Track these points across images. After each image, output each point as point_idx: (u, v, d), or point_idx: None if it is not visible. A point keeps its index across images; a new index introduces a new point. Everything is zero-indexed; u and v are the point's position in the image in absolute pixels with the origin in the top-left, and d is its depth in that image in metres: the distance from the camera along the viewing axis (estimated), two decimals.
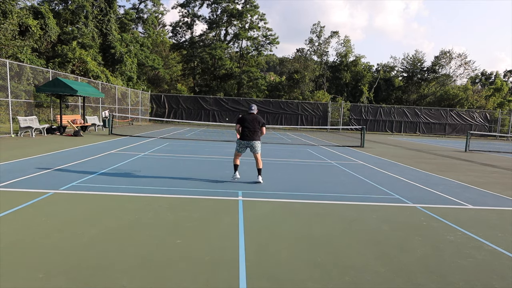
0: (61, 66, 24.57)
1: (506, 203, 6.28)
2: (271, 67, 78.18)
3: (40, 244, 3.47)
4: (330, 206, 5.46)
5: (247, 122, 6.83)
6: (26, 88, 17.39)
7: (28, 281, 2.74)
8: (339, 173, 8.73)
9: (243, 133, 6.83)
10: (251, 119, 6.86)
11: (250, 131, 6.79)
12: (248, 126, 6.81)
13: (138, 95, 30.50)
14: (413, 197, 6.37)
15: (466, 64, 46.65)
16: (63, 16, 28.35)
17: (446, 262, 3.51)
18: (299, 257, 3.47)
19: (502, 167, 11.62)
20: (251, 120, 6.85)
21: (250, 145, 6.82)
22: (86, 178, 6.52)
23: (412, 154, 14.50)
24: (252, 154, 6.98)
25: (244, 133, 6.82)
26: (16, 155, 8.78)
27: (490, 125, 35.28)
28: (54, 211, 4.51)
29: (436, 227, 4.64)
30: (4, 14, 20.27)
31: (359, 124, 33.42)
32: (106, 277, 2.87)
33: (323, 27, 45.66)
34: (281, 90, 42.56)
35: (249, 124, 6.81)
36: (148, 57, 37.67)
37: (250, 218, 4.63)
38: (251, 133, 6.79)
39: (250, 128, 6.80)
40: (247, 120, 6.84)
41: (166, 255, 3.34)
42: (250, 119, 6.86)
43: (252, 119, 6.86)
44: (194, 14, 43.29)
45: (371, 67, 49.78)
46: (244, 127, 6.83)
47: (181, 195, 5.66)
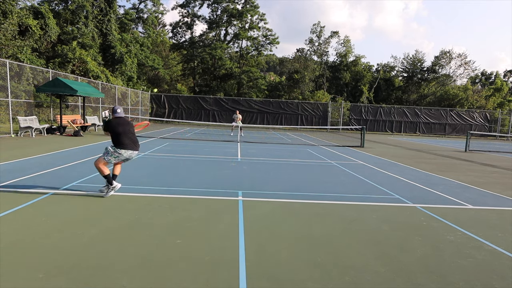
0: (61, 66, 24.57)
1: (506, 203, 6.28)
2: (271, 67, 78.18)
3: (40, 244, 3.47)
4: (330, 206, 5.46)
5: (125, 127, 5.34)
6: (26, 88, 17.39)
7: (28, 281, 2.74)
8: (339, 173, 8.73)
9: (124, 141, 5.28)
10: (127, 122, 5.44)
11: (133, 137, 5.41)
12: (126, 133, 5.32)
13: (138, 95, 30.50)
14: (413, 197, 6.37)
15: (466, 64, 46.68)
16: (63, 16, 28.35)
17: (446, 262, 3.51)
18: (299, 257, 3.47)
19: (502, 167, 11.62)
20: (127, 124, 5.41)
21: (134, 156, 5.45)
22: (86, 178, 6.52)
23: (412, 154, 14.50)
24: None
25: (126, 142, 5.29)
26: (16, 155, 8.77)
27: (490, 125, 35.27)
28: (54, 211, 4.50)
29: (436, 227, 4.64)
30: (4, 14, 20.27)
31: (359, 124, 33.42)
32: (106, 277, 2.87)
33: (323, 27, 45.70)
34: (281, 90, 42.56)
35: (128, 130, 5.36)
36: (148, 57, 37.68)
37: (250, 218, 4.63)
38: (134, 142, 5.41)
39: (131, 134, 5.39)
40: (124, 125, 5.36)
41: (166, 255, 3.34)
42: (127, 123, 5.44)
43: (125, 122, 5.42)
44: (194, 14, 43.30)
45: (371, 67, 49.80)
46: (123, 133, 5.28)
47: (181, 195, 5.65)
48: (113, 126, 5.28)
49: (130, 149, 5.30)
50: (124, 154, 5.27)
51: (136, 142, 5.43)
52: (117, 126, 5.29)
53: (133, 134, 5.41)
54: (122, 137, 5.23)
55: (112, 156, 5.23)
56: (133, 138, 5.40)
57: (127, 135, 5.29)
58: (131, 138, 5.34)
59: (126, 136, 5.27)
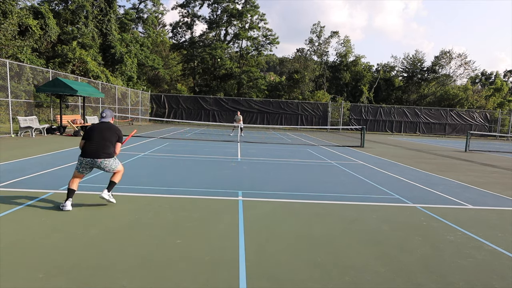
0: (61, 66, 24.57)
1: (506, 203, 6.28)
2: (271, 67, 78.17)
3: (40, 244, 3.47)
4: (330, 206, 5.46)
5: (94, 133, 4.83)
6: (26, 88, 17.39)
7: (28, 281, 2.74)
8: (339, 173, 8.73)
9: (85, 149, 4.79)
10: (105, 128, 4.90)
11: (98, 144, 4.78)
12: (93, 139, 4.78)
13: (138, 95, 30.50)
14: (413, 197, 6.37)
15: (466, 64, 46.68)
16: (63, 16, 28.35)
17: (446, 262, 3.51)
18: (299, 257, 3.47)
19: (502, 167, 11.62)
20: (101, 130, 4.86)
21: (97, 165, 4.77)
22: (86, 178, 6.51)
23: (412, 154, 14.50)
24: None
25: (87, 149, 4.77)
26: (16, 155, 8.77)
27: (490, 125, 35.28)
28: (54, 211, 4.50)
29: (436, 227, 4.64)
30: (4, 14, 20.26)
31: (359, 124, 33.42)
32: (106, 277, 2.87)
33: (323, 27, 45.70)
34: (281, 90, 42.57)
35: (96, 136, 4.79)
36: (148, 57, 37.69)
37: (250, 218, 4.63)
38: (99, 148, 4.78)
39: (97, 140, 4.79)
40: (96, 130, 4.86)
41: (166, 255, 3.34)
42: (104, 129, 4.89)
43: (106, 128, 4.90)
44: (194, 14, 43.30)
45: (371, 67, 49.80)
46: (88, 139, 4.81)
47: (181, 195, 5.65)
48: (85, 133, 4.91)
49: (88, 156, 4.69)
50: (83, 162, 4.73)
51: (100, 150, 4.74)
52: (88, 131, 4.88)
53: (104, 142, 4.77)
54: (86, 144, 4.79)
55: (77, 163, 4.83)
56: (101, 145, 4.76)
57: (93, 141, 4.75)
58: (98, 145, 4.74)
59: (90, 143, 4.75)
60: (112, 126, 4.98)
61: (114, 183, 4.85)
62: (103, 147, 4.78)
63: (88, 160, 4.73)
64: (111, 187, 4.82)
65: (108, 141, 4.82)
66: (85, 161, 4.74)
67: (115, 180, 4.87)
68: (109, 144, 4.83)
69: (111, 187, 4.82)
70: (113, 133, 4.90)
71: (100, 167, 4.78)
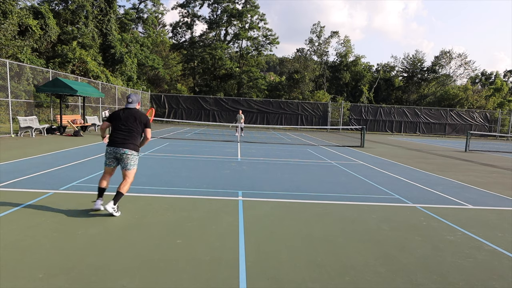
0: (61, 66, 24.57)
1: (506, 203, 6.28)
2: (271, 67, 78.18)
3: (40, 244, 3.47)
4: (330, 206, 5.46)
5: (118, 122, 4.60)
6: (26, 88, 17.39)
7: (28, 281, 2.74)
8: (339, 173, 8.73)
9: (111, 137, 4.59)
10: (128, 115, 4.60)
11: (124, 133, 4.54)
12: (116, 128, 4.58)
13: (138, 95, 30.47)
14: (413, 197, 6.37)
15: (466, 64, 46.71)
16: (63, 16, 28.35)
17: (446, 262, 3.51)
18: (299, 257, 3.47)
19: (502, 167, 11.62)
20: (129, 117, 4.59)
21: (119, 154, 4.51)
22: (86, 178, 6.52)
23: (412, 154, 14.50)
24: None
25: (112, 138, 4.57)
26: (16, 155, 8.77)
27: (490, 125, 35.27)
28: (54, 211, 4.50)
29: (436, 227, 4.64)
30: (4, 14, 20.26)
31: (359, 124, 33.42)
32: (106, 277, 2.86)
33: (323, 27, 45.70)
34: (281, 90, 42.57)
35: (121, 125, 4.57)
36: (148, 57, 37.68)
37: (250, 218, 4.63)
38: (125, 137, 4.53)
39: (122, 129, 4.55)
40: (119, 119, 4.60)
41: (166, 255, 3.34)
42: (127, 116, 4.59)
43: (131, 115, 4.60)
44: (194, 14, 43.31)
45: (371, 67, 49.82)
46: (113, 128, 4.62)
47: (181, 195, 5.66)
48: (108, 118, 4.67)
49: (113, 145, 4.48)
50: (107, 152, 4.55)
51: (126, 139, 4.50)
52: (113, 117, 4.61)
53: (129, 132, 4.52)
54: (111, 133, 4.58)
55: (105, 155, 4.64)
56: (124, 133, 4.51)
57: (118, 130, 4.52)
58: (121, 133, 4.51)
59: (115, 132, 4.53)
60: (137, 113, 4.60)
61: (121, 194, 4.45)
62: (129, 137, 4.51)
63: (112, 149, 4.48)
64: (117, 199, 4.42)
65: (134, 131, 4.54)
66: (109, 150, 4.51)
67: (122, 191, 4.46)
68: (135, 134, 4.55)
69: (118, 199, 4.42)
70: (139, 122, 4.57)
71: (122, 158, 4.48)
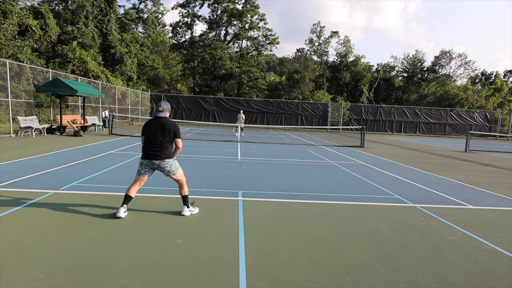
0: (61, 66, 24.57)
1: (506, 203, 6.28)
2: (271, 67, 78.18)
3: (40, 244, 3.47)
4: (330, 206, 5.46)
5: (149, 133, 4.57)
6: (26, 88, 17.39)
7: (28, 281, 2.74)
8: (339, 173, 8.73)
9: (144, 149, 4.60)
10: (159, 125, 4.54)
11: (154, 144, 4.51)
12: (149, 140, 4.55)
13: (138, 95, 30.50)
14: (413, 197, 6.37)
15: (466, 64, 46.70)
16: (63, 16, 28.35)
17: (446, 262, 3.51)
18: (299, 257, 3.47)
19: (502, 167, 11.62)
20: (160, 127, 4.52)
21: (156, 166, 4.54)
22: (86, 178, 6.52)
23: (412, 154, 14.50)
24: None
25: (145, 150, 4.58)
26: (16, 155, 8.78)
27: (490, 125, 35.27)
28: (54, 211, 4.50)
29: (436, 227, 4.64)
30: (4, 14, 20.26)
31: (359, 124, 33.42)
32: (106, 277, 2.87)
33: (323, 27, 45.71)
34: (281, 90, 42.57)
35: (152, 137, 4.52)
36: (148, 57, 37.68)
37: (250, 218, 4.63)
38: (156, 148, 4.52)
39: (153, 140, 4.52)
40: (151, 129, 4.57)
41: (166, 255, 3.34)
42: (158, 126, 4.53)
43: (161, 125, 4.53)
44: (194, 14, 43.31)
45: (371, 67, 49.82)
46: (146, 140, 4.59)
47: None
48: (142, 130, 4.65)
49: (146, 158, 4.52)
50: (143, 163, 4.56)
51: (158, 150, 4.49)
52: (145, 128, 4.63)
53: (159, 142, 4.49)
54: (144, 143, 4.59)
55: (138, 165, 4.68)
56: (157, 145, 4.50)
57: (149, 142, 4.52)
58: (154, 145, 4.49)
59: (147, 143, 4.54)
60: (166, 124, 4.53)
61: (186, 196, 4.67)
62: (160, 147, 4.50)
63: (146, 162, 4.53)
64: (186, 201, 4.68)
65: (164, 142, 4.51)
66: (144, 162, 4.55)
67: (184, 193, 4.65)
68: (165, 144, 4.52)
69: (186, 201, 4.69)
70: (168, 133, 4.51)
71: (160, 168, 4.54)
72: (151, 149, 4.51)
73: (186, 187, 4.71)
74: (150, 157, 4.50)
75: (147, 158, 4.52)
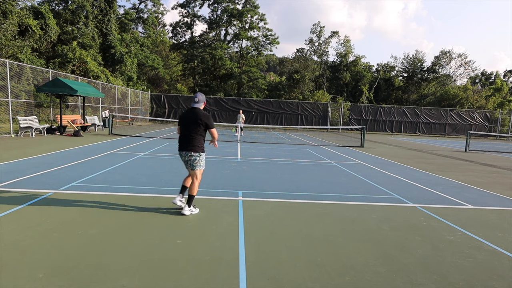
0: (61, 66, 24.57)
1: (506, 203, 6.28)
2: (271, 67, 78.18)
3: (40, 244, 3.47)
4: (330, 206, 5.46)
5: (183, 125, 4.75)
6: (26, 88, 17.38)
7: (28, 281, 2.74)
8: (339, 173, 8.73)
9: (179, 140, 4.81)
10: (191, 117, 4.67)
11: (185, 136, 4.70)
12: (183, 131, 4.74)
13: (138, 95, 30.50)
14: (413, 197, 6.37)
15: (466, 64, 46.70)
16: (63, 16, 28.35)
17: (446, 262, 3.51)
18: (299, 257, 3.47)
19: (502, 167, 11.61)
20: (192, 118, 4.66)
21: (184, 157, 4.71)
22: (86, 178, 6.52)
23: (412, 154, 14.50)
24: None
25: (180, 141, 4.78)
26: (16, 155, 8.77)
27: (490, 125, 35.27)
28: (54, 211, 4.50)
29: (436, 227, 4.64)
30: (4, 14, 20.26)
31: (359, 124, 33.42)
32: (106, 277, 2.87)
33: (323, 27, 45.72)
34: (281, 90, 42.57)
35: (185, 128, 4.71)
36: (148, 57, 37.68)
37: (250, 218, 4.63)
38: (186, 139, 4.68)
39: (184, 131, 4.72)
40: (184, 121, 4.74)
41: (166, 255, 3.34)
42: (190, 117, 4.68)
43: (193, 117, 4.66)
44: (194, 14, 43.32)
45: (371, 67, 49.82)
46: (181, 131, 4.79)
47: None
48: (178, 121, 4.82)
49: (179, 149, 4.73)
50: (179, 154, 4.77)
51: (187, 142, 4.63)
52: (179, 119, 4.78)
53: (189, 133, 4.63)
54: (179, 136, 4.79)
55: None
56: (187, 137, 4.65)
57: (182, 132, 4.72)
58: (184, 137, 4.68)
59: (180, 136, 4.75)
60: (198, 114, 4.62)
61: (192, 196, 4.68)
62: (189, 139, 4.63)
63: (180, 153, 4.74)
64: (190, 201, 4.67)
65: (193, 133, 4.61)
66: (179, 154, 4.76)
67: (192, 193, 4.68)
68: (194, 135, 4.61)
69: (190, 201, 4.67)
70: (199, 124, 4.59)
71: (187, 160, 4.66)
72: (182, 140, 4.70)
73: (196, 188, 4.74)
74: (180, 148, 4.70)
75: (179, 149, 4.73)
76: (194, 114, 4.64)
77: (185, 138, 4.67)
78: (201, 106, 4.76)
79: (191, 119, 4.63)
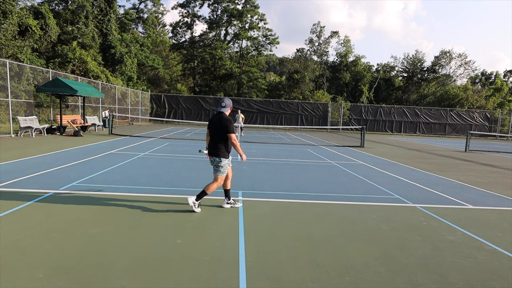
0: (61, 66, 24.57)
1: (506, 203, 6.28)
2: (271, 67, 78.19)
3: (40, 244, 3.47)
4: (330, 206, 5.46)
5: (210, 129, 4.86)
6: (26, 88, 17.39)
7: (28, 281, 2.74)
8: (339, 173, 8.73)
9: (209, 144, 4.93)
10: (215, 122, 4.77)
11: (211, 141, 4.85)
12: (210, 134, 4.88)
13: (138, 95, 30.50)
14: (413, 197, 6.37)
15: (466, 64, 46.71)
16: (63, 16, 28.35)
17: (446, 262, 3.51)
18: (299, 257, 3.47)
19: (502, 167, 11.61)
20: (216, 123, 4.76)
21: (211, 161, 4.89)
22: (86, 178, 6.52)
23: (412, 154, 14.50)
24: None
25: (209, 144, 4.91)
26: (16, 155, 8.77)
27: (490, 125, 35.27)
28: (54, 211, 4.50)
29: (436, 227, 4.64)
30: (4, 14, 20.26)
31: (359, 124, 33.42)
32: (106, 277, 2.87)
33: (323, 27, 45.72)
34: (281, 90, 42.57)
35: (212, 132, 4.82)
36: (148, 57, 37.68)
37: (250, 218, 4.63)
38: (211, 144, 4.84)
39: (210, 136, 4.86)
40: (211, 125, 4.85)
41: (166, 255, 3.34)
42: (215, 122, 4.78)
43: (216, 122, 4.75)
44: (194, 14, 43.32)
45: (371, 67, 49.82)
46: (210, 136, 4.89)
47: (181, 195, 5.65)
48: (208, 125, 4.90)
49: (208, 153, 4.86)
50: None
51: (211, 146, 4.78)
52: (208, 125, 4.88)
53: (213, 138, 4.76)
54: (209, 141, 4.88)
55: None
56: (212, 142, 4.78)
57: (210, 137, 4.83)
58: (211, 142, 4.82)
59: (209, 140, 4.86)
60: (222, 119, 4.68)
61: (204, 193, 4.74)
62: (213, 144, 4.77)
63: (209, 158, 4.87)
64: (200, 196, 4.75)
65: (216, 138, 4.73)
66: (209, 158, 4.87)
67: (206, 190, 4.75)
68: (217, 140, 4.72)
69: (201, 196, 4.75)
70: (221, 128, 4.66)
71: (212, 164, 4.85)
72: (209, 144, 4.84)
73: (212, 189, 4.82)
74: (209, 152, 4.84)
75: (208, 153, 4.86)
76: (219, 118, 4.73)
77: (211, 142, 4.81)
78: (227, 111, 4.82)
79: (216, 124, 4.71)
